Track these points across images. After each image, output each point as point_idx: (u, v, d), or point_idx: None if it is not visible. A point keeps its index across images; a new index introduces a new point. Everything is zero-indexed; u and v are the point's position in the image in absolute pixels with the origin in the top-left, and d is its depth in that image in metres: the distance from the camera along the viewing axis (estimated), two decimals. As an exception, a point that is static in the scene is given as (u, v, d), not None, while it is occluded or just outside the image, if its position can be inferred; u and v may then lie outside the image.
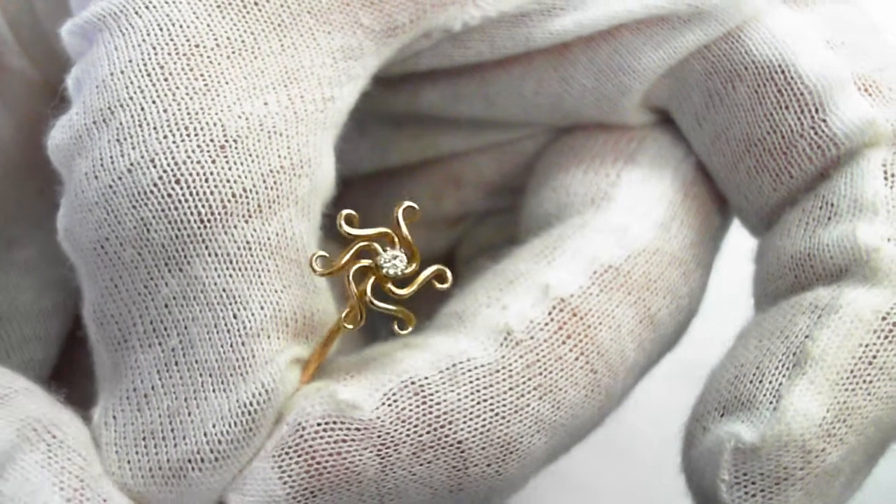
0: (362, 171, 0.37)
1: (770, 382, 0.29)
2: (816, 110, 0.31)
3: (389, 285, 0.28)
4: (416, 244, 0.28)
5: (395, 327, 0.28)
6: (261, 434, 0.28)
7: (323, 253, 0.28)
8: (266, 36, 0.28)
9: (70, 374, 0.34)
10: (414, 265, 0.28)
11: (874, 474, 0.30)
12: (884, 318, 0.29)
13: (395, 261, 0.28)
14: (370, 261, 0.28)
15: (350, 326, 0.28)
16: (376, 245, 0.28)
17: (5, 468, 0.26)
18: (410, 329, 0.28)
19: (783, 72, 0.31)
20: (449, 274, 0.28)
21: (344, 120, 0.30)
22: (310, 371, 0.29)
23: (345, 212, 0.28)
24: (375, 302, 0.28)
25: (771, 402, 0.28)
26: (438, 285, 0.28)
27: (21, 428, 0.27)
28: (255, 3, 0.28)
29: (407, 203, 0.28)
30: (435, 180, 0.37)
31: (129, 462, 0.28)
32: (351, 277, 0.28)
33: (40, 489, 0.26)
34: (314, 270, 0.28)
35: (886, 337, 0.28)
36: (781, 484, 0.28)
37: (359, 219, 0.28)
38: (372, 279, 0.28)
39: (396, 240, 0.28)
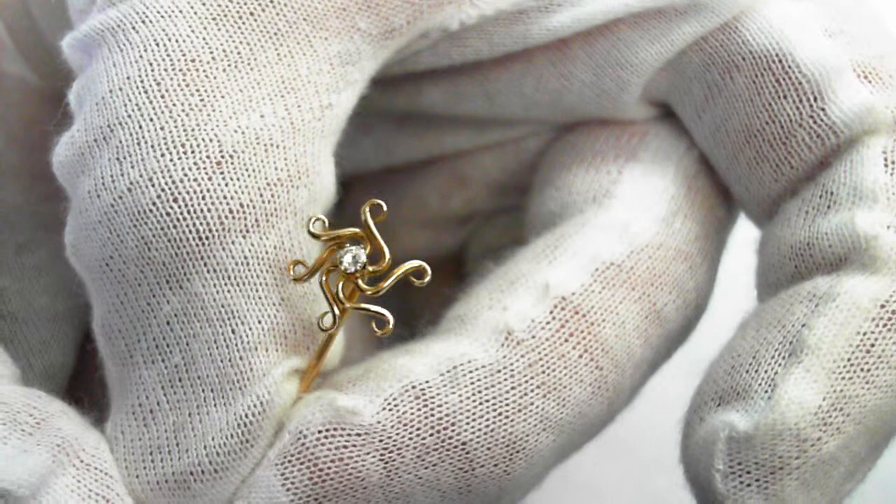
0: (367, 169, 0.38)
1: (766, 371, 0.28)
2: (815, 99, 0.31)
3: (360, 284, 0.28)
4: (396, 245, 0.28)
5: (374, 327, 0.28)
6: (259, 445, 0.28)
7: (301, 259, 0.28)
8: (262, 46, 0.29)
9: (88, 381, 0.34)
10: (384, 263, 0.28)
11: (875, 468, 0.29)
12: (882, 306, 0.28)
13: (355, 258, 0.28)
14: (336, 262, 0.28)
15: (325, 328, 0.28)
16: (350, 246, 0.28)
17: (40, 492, 0.27)
18: (387, 329, 0.28)
19: (780, 61, 0.31)
20: (428, 270, 0.28)
21: (343, 126, 0.30)
22: (308, 380, 0.29)
23: (312, 216, 0.28)
24: (347, 304, 0.28)
25: (766, 391, 0.28)
26: (416, 281, 0.28)
27: (56, 454, 0.27)
28: (251, 14, 0.28)
29: (374, 201, 0.28)
30: (442, 180, 0.37)
31: (137, 476, 0.28)
32: (323, 280, 0.28)
33: None
34: (291, 278, 0.28)
35: (885, 325, 0.28)
36: (777, 473, 0.27)
37: (327, 222, 0.28)
38: (342, 282, 0.28)
39: (367, 239, 0.28)
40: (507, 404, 0.29)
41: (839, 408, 0.28)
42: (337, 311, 0.28)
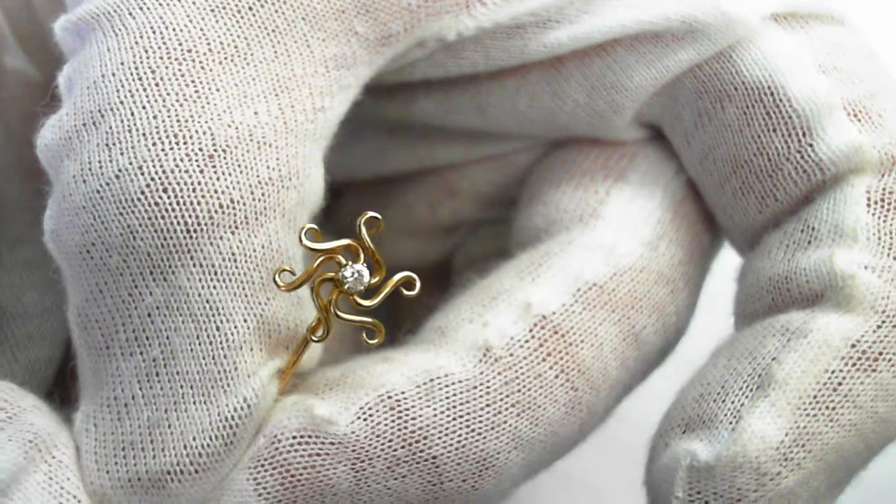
0: (359, 177, 0.38)
1: (732, 402, 0.29)
2: (804, 134, 0.31)
3: (357, 299, 0.28)
4: (382, 253, 0.28)
5: (364, 337, 0.28)
6: (240, 447, 0.28)
7: (287, 268, 0.28)
8: (259, 42, 0.28)
9: (73, 376, 0.35)
10: (378, 277, 0.28)
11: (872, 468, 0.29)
12: (853, 346, 0.28)
13: (357, 275, 0.28)
14: (332, 273, 0.28)
15: (316, 339, 0.28)
16: (341, 257, 0.28)
17: (11, 488, 0.27)
18: (379, 340, 0.28)
19: (772, 94, 0.31)
20: (417, 281, 0.28)
21: (334, 131, 0.30)
22: (284, 382, 0.29)
23: (305, 226, 0.28)
24: (340, 314, 0.28)
25: (730, 423, 0.28)
26: (406, 292, 0.28)
27: (28, 449, 0.27)
28: (250, 8, 0.28)
29: (370, 214, 0.28)
30: (430, 189, 0.37)
31: (107, 472, 0.28)
32: (315, 291, 0.28)
33: None
34: (277, 286, 0.28)
35: (854, 364, 0.28)
36: None
37: (320, 232, 0.28)
38: (336, 292, 0.28)
39: (361, 251, 0.28)
40: (480, 421, 0.29)
41: (801, 444, 0.28)
42: (329, 323, 0.28)
